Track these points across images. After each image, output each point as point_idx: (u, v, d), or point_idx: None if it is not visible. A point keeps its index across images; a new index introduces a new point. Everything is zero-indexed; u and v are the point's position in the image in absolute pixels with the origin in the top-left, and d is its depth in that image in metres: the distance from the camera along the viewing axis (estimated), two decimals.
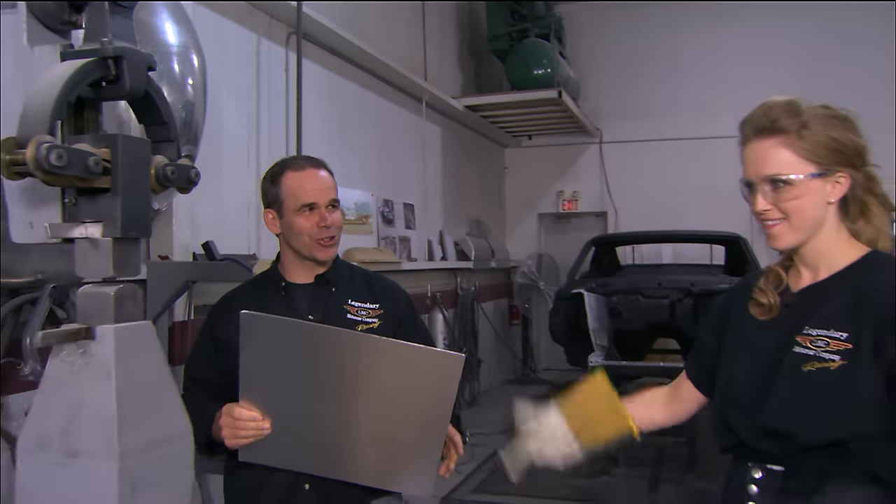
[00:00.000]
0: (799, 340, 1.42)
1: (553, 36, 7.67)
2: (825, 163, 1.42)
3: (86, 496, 1.00)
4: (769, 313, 1.53)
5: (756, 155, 1.45)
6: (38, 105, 0.97)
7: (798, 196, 1.41)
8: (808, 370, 1.38)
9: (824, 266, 1.49)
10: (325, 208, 1.98)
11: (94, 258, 1.05)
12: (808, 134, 1.41)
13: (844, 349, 1.37)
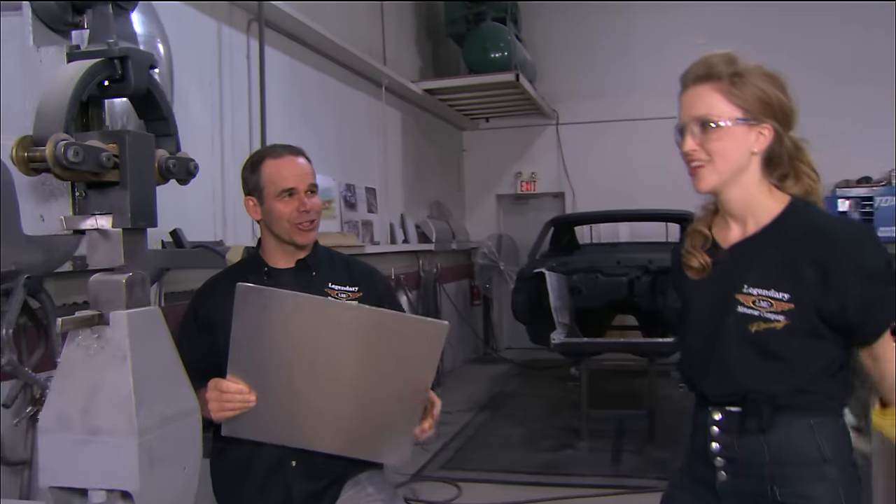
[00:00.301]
0: (740, 300, 1.50)
1: (509, 19, 7.74)
2: (752, 111, 1.50)
3: (108, 469, 1.07)
4: (703, 273, 1.61)
5: (690, 99, 1.54)
6: (53, 104, 1.03)
7: (722, 138, 1.50)
8: (756, 331, 1.48)
9: (751, 219, 1.56)
10: (304, 193, 2.06)
11: (104, 248, 1.11)
12: (739, 81, 1.50)
13: (788, 309, 1.46)
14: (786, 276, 1.48)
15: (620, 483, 4.44)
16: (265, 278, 2.10)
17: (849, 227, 1.56)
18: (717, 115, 1.50)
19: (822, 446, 1.49)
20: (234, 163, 4.28)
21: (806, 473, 1.49)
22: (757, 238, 1.56)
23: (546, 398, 6.72)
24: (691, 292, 1.65)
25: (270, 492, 2.01)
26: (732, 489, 1.56)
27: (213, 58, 4.22)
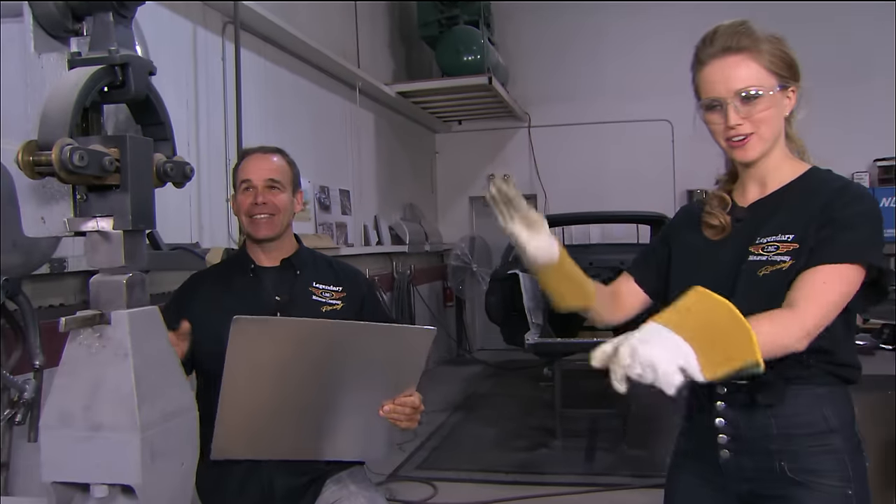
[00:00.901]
0: (752, 250, 1.51)
1: (482, 22, 7.81)
2: (785, 76, 1.53)
3: (111, 464, 1.10)
4: (722, 233, 1.61)
5: (723, 72, 1.51)
6: (57, 110, 1.06)
7: (768, 107, 1.50)
8: (764, 274, 1.47)
9: (771, 180, 1.58)
10: (260, 187, 2.12)
11: (105, 249, 1.14)
12: (768, 48, 1.51)
13: (793, 249, 1.45)
14: (794, 222, 1.49)
15: (594, 481, 4.51)
16: (251, 275, 2.15)
17: (857, 187, 1.53)
18: (759, 84, 1.50)
19: (829, 417, 1.48)
20: (210, 165, 4.29)
21: (813, 446, 1.48)
22: (776, 196, 1.57)
23: (520, 398, 6.79)
24: (705, 253, 1.63)
25: (252, 488, 2.04)
26: (737, 466, 1.55)
27: (188, 60, 4.23)
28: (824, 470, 1.47)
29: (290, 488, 2.06)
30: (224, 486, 2.06)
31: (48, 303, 2.97)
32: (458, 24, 7.79)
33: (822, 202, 1.48)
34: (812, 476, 1.47)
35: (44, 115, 1.07)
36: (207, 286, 2.19)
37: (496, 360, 8.51)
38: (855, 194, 1.49)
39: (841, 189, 1.50)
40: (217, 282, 2.19)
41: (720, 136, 1.55)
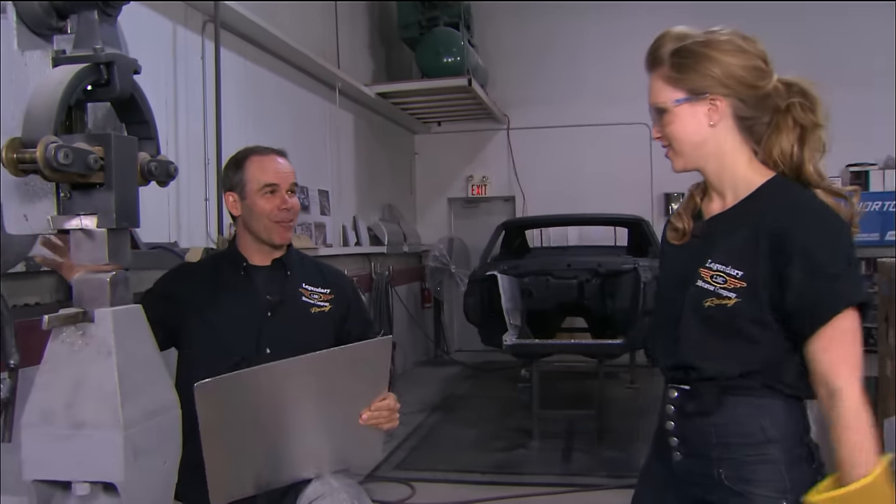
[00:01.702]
0: (702, 273, 1.49)
1: (462, 24, 7.83)
2: (695, 88, 1.48)
3: (93, 462, 1.10)
4: (682, 239, 1.61)
5: (649, 88, 1.57)
6: (42, 107, 1.06)
7: (672, 122, 1.51)
8: (709, 306, 1.46)
9: (731, 192, 1.54)
10: (285, 192, 2.11)
11: (89, 247, 1.14)
12: (680, 63, 1.50)
13: (740, 287, 1.43)
14: (744, 254, 1.45)
15: (571, 482, 4.54)
16: (243, 274, 2.15)
17: (819, 209, 1.45)
18: (661, 100, 1.52)
19: (766, 427, 1.47)
20: (189, 165, 4.27)
21: (750, 455, 1.47)
22: (731, 212, 1.54)
23: (497, 399, 6.81)
24: (668, 260, 1.66)
25: None
26: (686, 469, 1.57)
27: (168, 58, 4.20)
28: (760, 480, 1.47)
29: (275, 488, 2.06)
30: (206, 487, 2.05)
31: (23, 301, 2.95)
32: (439, 26, 7.80)
33: (773, 231, 1.43)
34: (748, 485, 1.47)
35: (28, 112, 1.07)
36: (199, 282, 2.17)
37: (474, 361, 8.52)
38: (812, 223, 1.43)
39: (794, 218, 1.43)
40: (209, 278, 2.17)
41: None
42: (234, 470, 1.80)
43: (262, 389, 1.72)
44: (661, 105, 1.52)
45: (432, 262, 8.21)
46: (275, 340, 2.09)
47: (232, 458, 1.77)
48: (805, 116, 1.54)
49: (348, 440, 1.96)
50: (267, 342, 2.08)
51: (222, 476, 1.76)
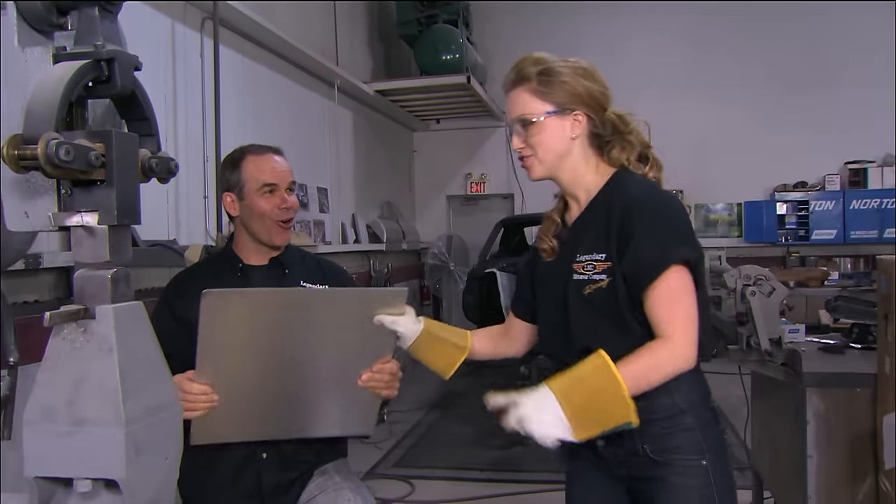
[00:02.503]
0: (575, 268, 1.66)
1: (461, 22, 7.83)
2: (561, 103, 1.67)
3: (95, 459, 1.10)
4: (553, 254, 1.77)
5: (510, 103, 1.72)
6: (44, 104, 1.05)
7: (540, 132, 1.67)
8: (588, 292, 1.63)
9: (584, 196, 1.73)
10: (284, 191, 2.10)
11: (90, 244, 1.14)
12: (546, 79, 1.67)
13: (607, 268, 1.61)
14: (602, 238, 1.63)
15: None
16: (239, 275, 2.13)
17: (651, 189, 1.68)
18: (531, 112, 1.67)
19: (677, 399, 1.63)
20: (188, 162, 4.26)
21: (667, 427, 1.62)
22: (586, 212, 1.72)
23: None
24: (544, 273, 1.79)
25: (241, 484, 2.04)
26: (612, 453, 1.68)
27: (167, 56, 4.20)
28: (680, 446, 1.63)
29: (279, 483, 2.07)
30: (212, 483, 2.06)
31: (23, 299, 2.94)
32: (437, 23, 7.81)
33: (618, 214, 1.61)
34: (670, 454, 1.63)
35: (29, 109, 1.07)
36: (196, 287, 2.14)
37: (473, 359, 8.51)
38: (647, 199, 1.62)
39: (634, 200, 1.62)
40: (205, 282, 2.13)
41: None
42: (223, 404, 1.75)
43: (268, 314, 1.68)
44: (528, 116, 1.67)
45: (431, 259, 8.21)
46: None
47: (223, 387, 1.73)
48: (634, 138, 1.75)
49: (344, 401, 1.90)
50: None
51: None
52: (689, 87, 8.73)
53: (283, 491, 2.07)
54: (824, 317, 3.65)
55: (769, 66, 8.61)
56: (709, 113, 8.71)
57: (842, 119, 8.42)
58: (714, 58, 8.76)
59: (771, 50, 8.60)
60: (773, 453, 3.12)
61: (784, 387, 2.82)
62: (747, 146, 8.73)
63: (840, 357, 2.84)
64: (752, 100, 8.74)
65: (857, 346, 2.94)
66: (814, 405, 2.59)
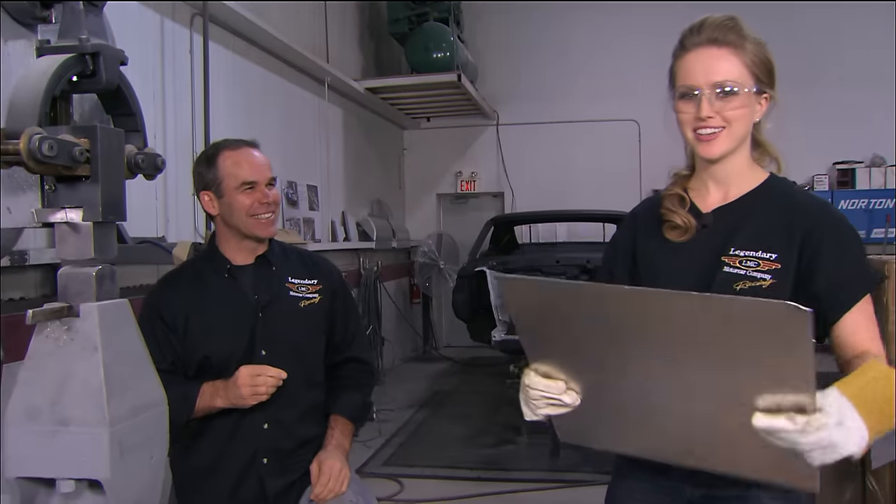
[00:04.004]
0: (727, 261, 1.47)
1: (452, 20, 7.81)
2: (763, 80, 1.51)
3: (78, 459, 1.08)
4: (686, 234, 1.55)
5: (707, 62, 1.48)
6: (26, 98, 1.04)
7: (742, 106, 1.48)
8: (741, 288, 1.44)
9: (734, 186, 1.55)
10: (264, 185, 2.05)
11: (74, 241, 1.12)
12: (752, 49, 1.49)
13: (775, 269, 1.44)
14: (775, 237, 1.47)
15: (559, 477, 4.54)
16: (226, 276, 2.09)
17: (830, 206, 1.57)
18: (738, 81, 1.47)
19: None
20: (177, 158, 4.23)
21: None
22: (741, 203, 1.55)
23: (486, 395, 6.80)
24: (666, 257, 1.57)
25: (244, 489, 2.02)
26: (690, 470, 1.41)
27: (156, 52, 4.17)
28: None
29: (282, 487, 2.05)
30: (213, 489, 2.04)
31: (8, 296, 2.91)
32: (428, 21, 7.77)
33: (805, 223, 1.47)
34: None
35: (11, 103, 1.05)
36: (184, 290, 2.10)
37: (463, 357, 8.52)
38: (838, 219, 1.51)
39: (822, 213, 1.50)
40: (193, 285, 2.11)
41: (688, 126, 1.50)
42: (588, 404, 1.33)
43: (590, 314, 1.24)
44: (734, 85, 1.47)
45: (421, 257, 8.19)
46: (269, 341, 2.05)
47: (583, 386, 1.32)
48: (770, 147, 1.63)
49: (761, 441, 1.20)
50: (261, 344, 2.04)
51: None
52: None
53: (286, 493, 2.05)
54: None
55: None
56: None
57: (830, 120, 8.44)
58: None
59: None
60: None
61: None
62: None
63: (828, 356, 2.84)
64: None
65: None
66: None
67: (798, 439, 1.10)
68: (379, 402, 6.08)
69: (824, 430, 1.11)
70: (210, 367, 2.01)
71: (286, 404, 2.02)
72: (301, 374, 2.06)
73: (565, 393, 1.30)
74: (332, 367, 2.22)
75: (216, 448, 2.00)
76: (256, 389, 1.90)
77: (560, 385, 1.30)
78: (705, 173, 1.58)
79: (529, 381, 1.34)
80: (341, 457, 2.04)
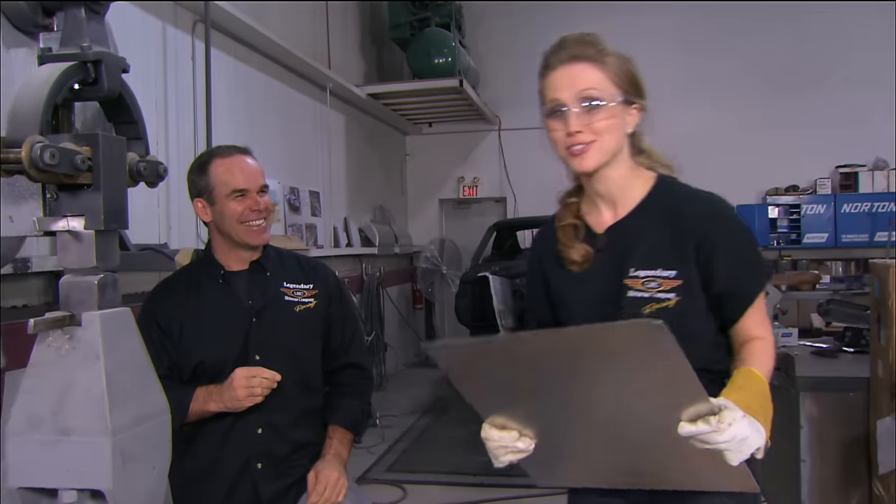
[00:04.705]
0: (629, 284, 1.49)
1: (453, 25, 7.82)
2: (628, 90, 1.50)
3: (80, 469, 1.07)
4: (585, 263, 1.57)
5: (570, 77, 1.48)
6: (28, 106, 1.04)
7: (609, 117, 1.47)
8: (650, 312, 1.46)
9: (621, 201, 1.56)
10: (255, 193, 2.05)
11: (76, 249, 1.12)
12: (613, 62, 1.49)
13: (677, 286, 1.46)
14: (670, 253, 1.49)
15: None
16: (220, 282, 2.10)
17: (719, 203, 1.56)
18: (602, 92, 1.47)
19: None
20: (179, 165, 4.23)
21: None
22: (632, 219, 1.55)
23: None
24: (571, 285, 1.59)
25: (238, 494, 2.02)
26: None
27: (158, 59, 4.17)
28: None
29: (276, 492, 2.05)
30: (208, 494, 2.04)
31: (10, 304, 2.91)
32: (430, 27, 7.79)
33: (696, 231, 1.49)
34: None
35: (13, 111, 1.05)
36: (179, 296, 2.12)
37: None
38: (728, 220, 1.53)
39: (712, 217, 1.51)
40: (188, 291, 2.12)
41: (560, 143, 1.52)
42: (545, 447, 1.38)
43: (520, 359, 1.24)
44: (600, 97, 1.47)
45: (423, 263, 8.19)
46: (263, 346, 2.05)
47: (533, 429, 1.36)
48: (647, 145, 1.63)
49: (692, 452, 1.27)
50: (255, 349, 2.04)
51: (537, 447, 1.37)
52: (679, 88, 8.74)
53: (280, 499, 2.05)
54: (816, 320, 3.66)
55: (759, 68, 8.64)
56: (700, 115, 8.72)
57: (832, 122, 8.44)
58: (704, 60, 8.77)
59: (762, 52, 8.62)
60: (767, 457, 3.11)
61: (777, 391, 2.80)
62: (738, 149, 8.75)
63: (833, 361, 2.84)
64: (743, 102, 8.75)
65: (850, 350, 2.93)
66: (807, 409, 2.58)
67: (716, 438, 1.18)
68: (382, 408, 6.08)
69: (736, 424, 1.19)
70: (204, 372, 2.01)
71: (280, 408, 2.02)
72: (295, 379, 2.07)
73: (519, 440, 1.35)
74: (330, 372, 2.22)
75: (210, 453, 2.01)
76: (252, 391, 1.91)
77: (513, 434, 1.35)
78: (591, 191, 1.59)
79: (485, 434, 1.39)
80: (339, 466, 2.04)
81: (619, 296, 1.49)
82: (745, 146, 8.74)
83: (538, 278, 1.70)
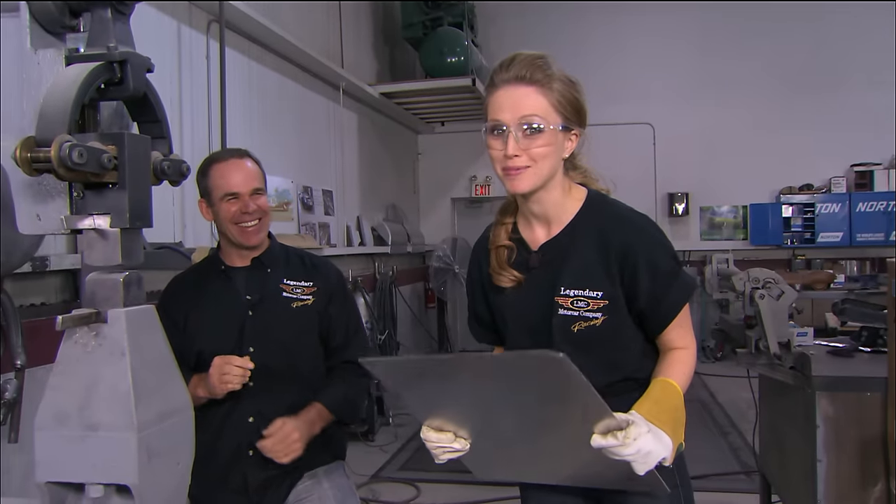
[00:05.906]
0: (560, 302, 1.56)
1: (466, 24, 7.82)
2: (570, 118, 1.54)
3: (107, 464, 1.09)
4: (518, 284, 1.64)
5: (513, 99, 1.50)
6: (56, 106, 1.05)
7: (547, 144, 1.50)
8: (578, 330, 1.55)
9: (555, 220, 1.61)
10: (247, 196, 2.15)
11: (101, 247, 1.13)
12: (559, 88, 1.51)
13: (604, 306, 1.54)
14: (597, 274, 1.55)
15: None
16: (222, 277, 2.22)
17: (640, 219, 1.62)
18: (544, 119, 1.49)
19: None
20: (194, 164, 4.19)
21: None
22: (563, 237, 1.61)
23: None
24: (509, 303, 1.67)
25: (230, 480, 2.12)
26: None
27: (173, 59, 4.20)
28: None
29: (264, 480, 2.13)
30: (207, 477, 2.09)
31: (30, 301, 2.94)
32: (442, 26, 7.79)
33: (620, 250, 1.55)
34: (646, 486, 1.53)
35: (42, 111, 1.06)
36: (184, 292, 2.26)
37: None
38: (648, 238, 1.58)
39: (634, 235, 1.57)
40: (193, 286, 2.26)
41: (498, 162, 1.53)
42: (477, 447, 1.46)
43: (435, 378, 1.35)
44: (540, 123, 1.49)
45: (436, 262, 8.20)
46: (256, 338, 2.15)
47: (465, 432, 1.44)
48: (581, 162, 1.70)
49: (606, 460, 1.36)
50: (249, 341, 2.14)
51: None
52: (694, 88, 8.73)
53: (268, 488, 2.13)
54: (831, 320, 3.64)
55: (775, 67, 8.61)
56: (714, 114, 8.70)
57: (848, 121, 8.40)
58: (720, 59, 8.76)
59: (777, 51, 8.60)
60: (782, 457, 3.10)
61: (793, 390, 2.80)
62: (753, 148, 8.73)
63: (849, 360, 2.83)
64: (758, 101, 8.73)
65: (867, 350, 2.92)
66: (823, 409, 2.57)
67: (623, 451, 1.26)
68: (395, 406, 6.09)
69: (640, 439, 1.27)
70: (204, 362, 2.10)
71: (271, 399, 2.11)
72: (288, 372, 2.16)
73: (455, 441, 1.43)
74: (330, 369, 2.29)
75: (207, 438, 2.07)
76: (224, 378, 1.99)
77: (449, 436, 1.43)
78: (525, 209, 1.64)
79: (424, 436, 1.47)
80: (304, 429, 2.08)
81: (550, 312, 1.58)
82: (760, 145, 8.72)
83: (478, 287, 1.78)
